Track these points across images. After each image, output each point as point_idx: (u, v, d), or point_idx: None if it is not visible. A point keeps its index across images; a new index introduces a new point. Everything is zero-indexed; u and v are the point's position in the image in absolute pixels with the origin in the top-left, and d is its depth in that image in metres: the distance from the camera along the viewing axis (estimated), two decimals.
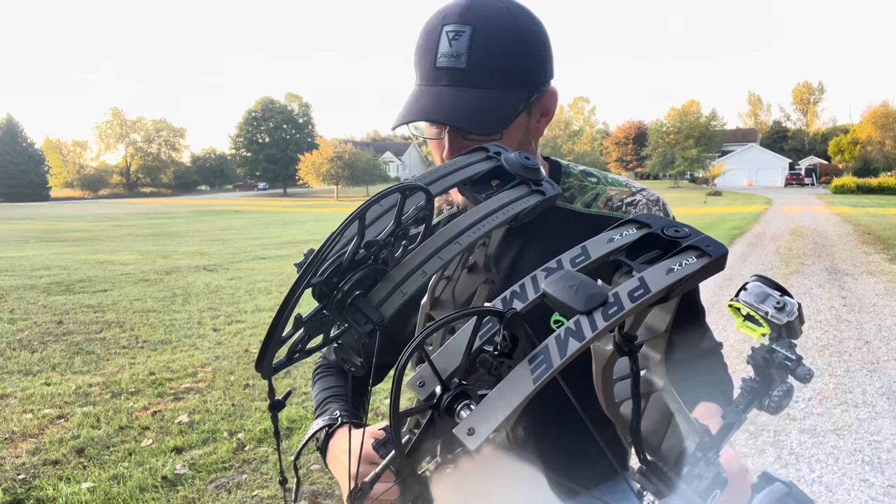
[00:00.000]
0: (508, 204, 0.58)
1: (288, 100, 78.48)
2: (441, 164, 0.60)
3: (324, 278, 0.47)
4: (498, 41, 0.96)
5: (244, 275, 10.60)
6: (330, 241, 0.47)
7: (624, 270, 0.52)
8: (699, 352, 1.14)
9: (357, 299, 0.48)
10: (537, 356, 0.45)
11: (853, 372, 5.16)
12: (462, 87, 0.95)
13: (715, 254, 0.50)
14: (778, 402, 0.58)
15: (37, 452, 3.72)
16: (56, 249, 15.30)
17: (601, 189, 1.14)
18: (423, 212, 0.54)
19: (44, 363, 5.50)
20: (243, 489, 3.31)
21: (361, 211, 0.48)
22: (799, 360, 0.57)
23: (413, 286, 0.49)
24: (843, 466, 3.60)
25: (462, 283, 0.64)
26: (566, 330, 0.45)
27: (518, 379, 0.44)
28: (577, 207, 1.11)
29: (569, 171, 1.16)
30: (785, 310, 0.55)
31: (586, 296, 0.47)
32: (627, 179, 1.19)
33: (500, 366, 0.49)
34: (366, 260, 0.49)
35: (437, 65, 0.96)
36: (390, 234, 0.50)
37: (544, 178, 0.61)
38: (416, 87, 1.00)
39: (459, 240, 0.53)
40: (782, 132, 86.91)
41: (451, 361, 0.50)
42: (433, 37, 0.97)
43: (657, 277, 0.48)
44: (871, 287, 8.71)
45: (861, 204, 30.67)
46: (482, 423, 0.43)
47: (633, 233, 0.55)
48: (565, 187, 1.14)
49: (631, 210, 1.12)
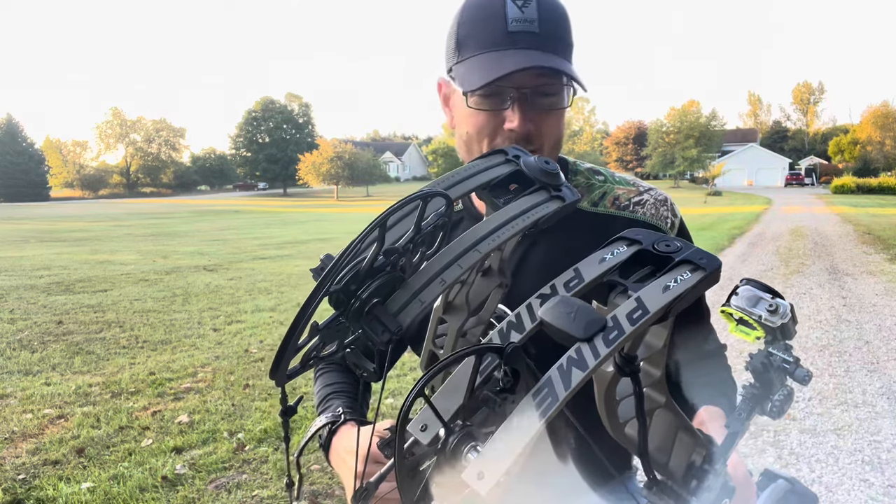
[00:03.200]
0: (528, 210, 0.57)
1: (288, 100, 78.44)
2: (459, 168, 0.59)
3: (342, 286, 0.46)
4: (558, 12, 0.98)
5: (244, 275, 10.59)
6: (351, 248, 0.46)
7: (619, 290, 0.51)
8: (703, 353, 1.13)
9: (375, 308, 0.47)
10: (541, 389, 0.44)
11: (853, 372, 5.16)
12: (539, 50, 0.95)
13: (709, 267, 0.50)
14: (780, 407, 0.58)
15: (37, 452, 3.72)
16: (56, 249, 15.29)
17: (608, 188, 1.12)
18: (442, 218, 0.53)
19: (44, 363, 5.49)
20: (243, 489, 3.30)
21: (383, 218, 0.47)
22: (797, 361, 0.57)
23: (431, 295, 0.49)
24: (843, 466, 3.60)
25: (476, 288, 0.62)
26: (568, 359, 0.44)
27: (524, 415, 0.43)
28: (584, 206, 1.10)
29: (576, 168, 1.15)
30: (778, 312, 0.55)
31: (585, 322, 0.45)
32: (635, 178, 1.17)
33: (504, 402, 0.47)
34: (384, 267, 0.48)
35: (510, 28, 0.95)
36: (409, 241, 0.49)
37: (564, 183, 0.60)
38: (484, 53, 0.97)
39: (479, 247, 0.52)
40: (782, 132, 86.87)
41: (453, 401, 0.48)
42: (495, 4, 0.96)
43: (654, 296, 0.47)
44: (871, 287, 8.71)
45: (861, 204, 30.66)
46: (492, 466, 0.41)
47: (624, 250, 0.54)
48: (572, 185, 1.13)
49: (638, 209, 1.10)
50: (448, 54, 1.03)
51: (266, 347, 5.91)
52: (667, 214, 1.11)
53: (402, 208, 0.50)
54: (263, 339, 6.20)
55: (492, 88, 0.97)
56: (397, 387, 4.72)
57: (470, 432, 0.46)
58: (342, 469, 0.99)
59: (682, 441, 0.57)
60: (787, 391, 0.59)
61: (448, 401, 0.49)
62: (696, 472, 0.56)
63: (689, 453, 0.57)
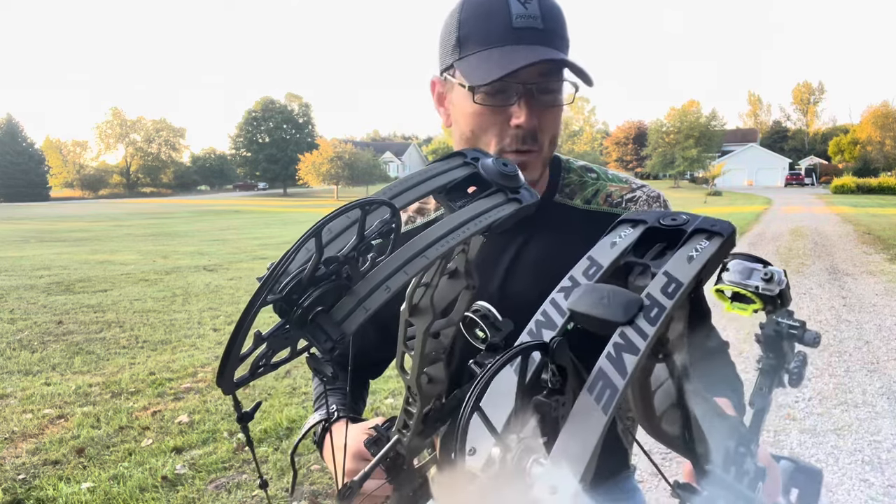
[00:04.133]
0: (482, 214, 0.55)
1: (288, 100, 78.42)
2: (414, 172, 0.58)
3: (283, 294, 0.46)
4: (557, 9, 0.98)
5: (244, 275, 10.59)
6: (286, 257, 0.46)
7: (638, 271, 0.50)
8: (706, 351, 1.12)
9: (318, 316, 0.47)
10: (596, 383, 0.41)
11: (853, 372, 5.16)
12: (544, 45, 0.95)
13: (725, 232, 0.49)
14: (798, 373, 0.58)
15: (37, 452, 3.72)
16: (56, 249, 15.29)
17: (601, 185, 1.13)
18: (387, 226, 0.51)
19: (44, 363, 5.49)
20: (243, 489, 3.30)
21: (317, 229, 0.46)
22: (803, 325, 0.57)
23: (377, 302, 0.48)
24: (843, 466, 3.60)
25: (441, 290, 0.62)
26: (615, 346, 0.42)
27: (585, 413, 0.39)
28: (576, 204, 1.10)
29: (569, 166, 1.15)
30: (774, 279, 0.54)
31: (623, 304, 0.44)
32: (628, 176, 1.18)
33: (557, 405, 0.43)
34: (328, 276, 0.47)
35: (514, 24, 0.95)
36: (353, 249, 0.49)
37: (522, 185, 0.59)
38: (488, 49, 0.96)
39: (427, 253, 0.51)
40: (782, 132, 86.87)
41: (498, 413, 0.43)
42: (498, 1, 0.96)
43: (681, 268, 0.46)
44: (871, 287, 8.71)
45: (861, 204, 30.66)
46: (564, 479, 0.37)
47: (631, 231, 0.54)
48: (565, 183, 1.12)
49: (631, 206, 1.11)
50: (445, 52, 1.02)
51: None
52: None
53: (338, 217, 0.50)
54: None
55: (497, 85, 0.97)
56: (397, 387, 4.72)
57: (527, 444, 0.41)
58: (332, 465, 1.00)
59: (716, 427, 0.55)
60: (802, 357, 0.58)
61: (492, 414, 0.42)
62: (734, 456, 0.55)
63: (724, 439, 0.56)
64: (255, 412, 0.56)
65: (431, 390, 0.65)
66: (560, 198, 1.11)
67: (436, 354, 0.64)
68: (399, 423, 0.68)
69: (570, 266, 0.57)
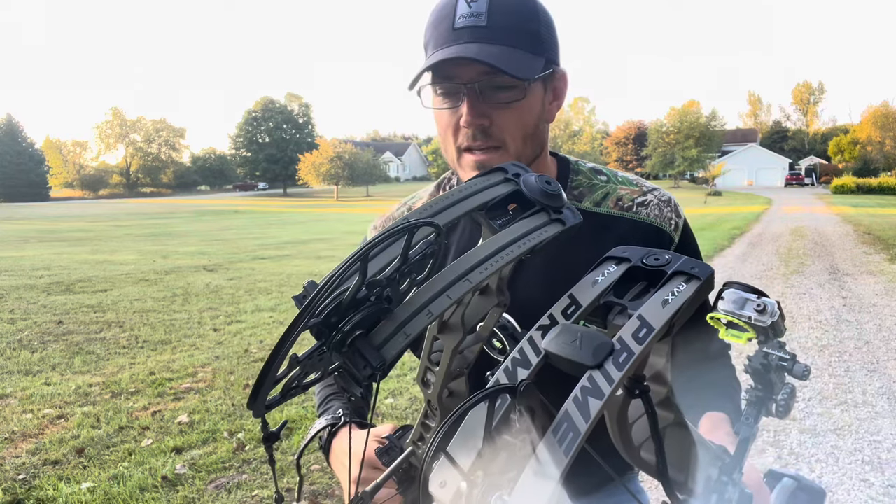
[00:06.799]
0: (525, 235, 0.54)
1: (288, 100, 78.46)
2: (454, 189, 0.56)
3: (322, 318, 0.44)
4: (515, 4, 0.96)
5: (244, 275, 10.59)
6: (332, 280, 0.44)
7: (617, 311, 0.51)
8: (707, 354, 1.11)
9: (357, 340, 0.45)
10: (560, 425, 0.42)
11: (853, 372, 5.16)
12: (484, 42, 0.93)
13: (702, 275, 0.49)
14: (785, 405, 0.58)
15: (37, 452, 3.72)
16: (56, 249, 15.29)
17: (611, 188, 1.11)
18: (431, 247, 0.50)
19: (44, 363, 5.49)
20: (243, 489, 3.30)
21: (364, 252, 0.45)
22: (793, 358, 0.57)
23: (418, 327, 0.46)
24: (843, 466, 3.60)
25: (472, 307, 0.60)
26: (582, 389, 0.43)
27: (547, 455, 0.41)
28: (585, 206, 1.08)
29: (578, 168, 1.13)
30: (766, 311, 0.54)
31: (592, 348, 0.44)
32: (638, 178, 1.15)
33: (523, 444, 0.45)
34: (368, 298, 0.46)
35: (455, 26, 0.94)
36: (395, 271, 0.47)
37: (566, 205, 0.58)
38: (434, 52, 0.97)
39: (470, 277, 0.49)
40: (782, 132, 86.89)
41: (468, 450, 0.45)
42: (449, 5, 0.96)
43: (655, 312, 0.47)
44: (871, 287, 8.71)
45: (861, 204, 30.66)
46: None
47: (615, 269, 0.54)
48: (573, 185, 1.11)
49: (642, 210, 1.08)
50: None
51: (266, 347, 5.90)
52: (670, 215, 1.10)
53: (385, 240, 0.48)
54: (263, 340, 6.20)
55: (446, 87, 0.99)
56: (397, 387, 4.72)
57: (493, 481, 0.43)
58: (341, 472, 0.99)
59: (697, 456, 0.56)
60: (790, 389, 0.59)
61: (462, 450, 0.45)
62: (715, 485, 0.56)
63: (705, 467, 0.56)
64: (281, 431, 0.55)
65: (451, 404, 0.63)
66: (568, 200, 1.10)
67: (459, 370, 0.63)
68: (415, 434, 0.67)
69: (578, 270, 0.57)
